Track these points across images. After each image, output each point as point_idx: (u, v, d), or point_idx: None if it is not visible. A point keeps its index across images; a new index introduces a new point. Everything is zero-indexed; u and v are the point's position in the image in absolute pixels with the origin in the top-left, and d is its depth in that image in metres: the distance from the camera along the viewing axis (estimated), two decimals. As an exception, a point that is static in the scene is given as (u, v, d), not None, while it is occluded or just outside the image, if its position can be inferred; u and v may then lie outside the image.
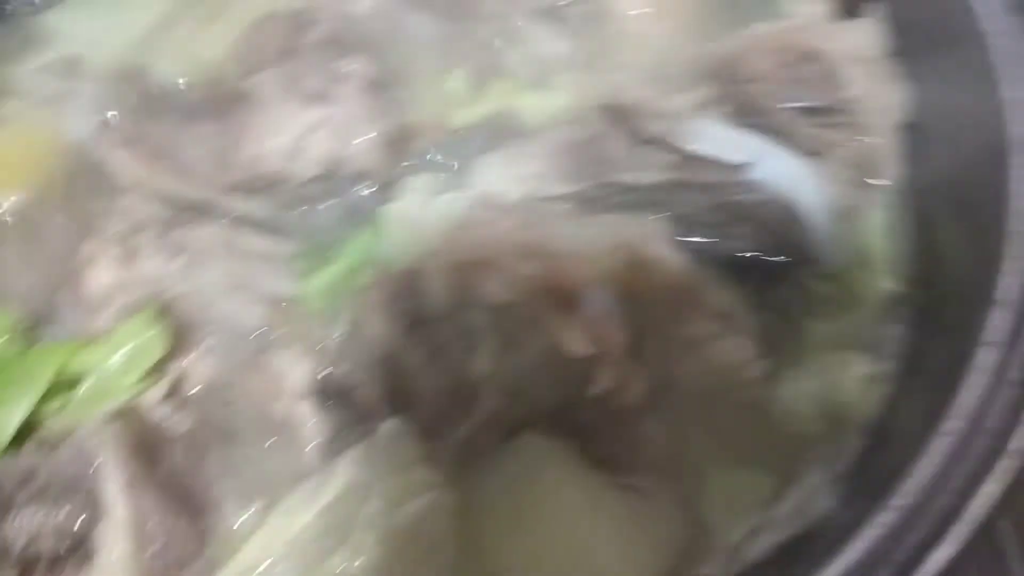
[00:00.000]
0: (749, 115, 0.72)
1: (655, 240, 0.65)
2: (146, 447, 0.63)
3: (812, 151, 0.71)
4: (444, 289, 0.63)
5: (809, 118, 0.71)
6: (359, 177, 0.74)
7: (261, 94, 0.72)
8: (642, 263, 0.63)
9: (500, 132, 0.80)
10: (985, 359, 0.56)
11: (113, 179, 0.75)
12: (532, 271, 0.60)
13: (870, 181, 0.74)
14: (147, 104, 0.81)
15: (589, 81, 0.80)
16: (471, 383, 0.62)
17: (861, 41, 0.75)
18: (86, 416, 0.64)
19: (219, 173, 0.72)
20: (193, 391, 0.69)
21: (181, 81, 0.82)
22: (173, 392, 0.67)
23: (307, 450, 0.66)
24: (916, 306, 0.73)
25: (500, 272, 0.60)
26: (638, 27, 0.85)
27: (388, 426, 0.64)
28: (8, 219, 0.77)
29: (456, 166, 0.78)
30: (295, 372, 0.68)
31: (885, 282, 0.72)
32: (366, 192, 0.76)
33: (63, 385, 0.65)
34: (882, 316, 0.71)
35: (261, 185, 0.72)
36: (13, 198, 0.77)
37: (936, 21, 0.73)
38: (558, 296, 0.60)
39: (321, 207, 0.76)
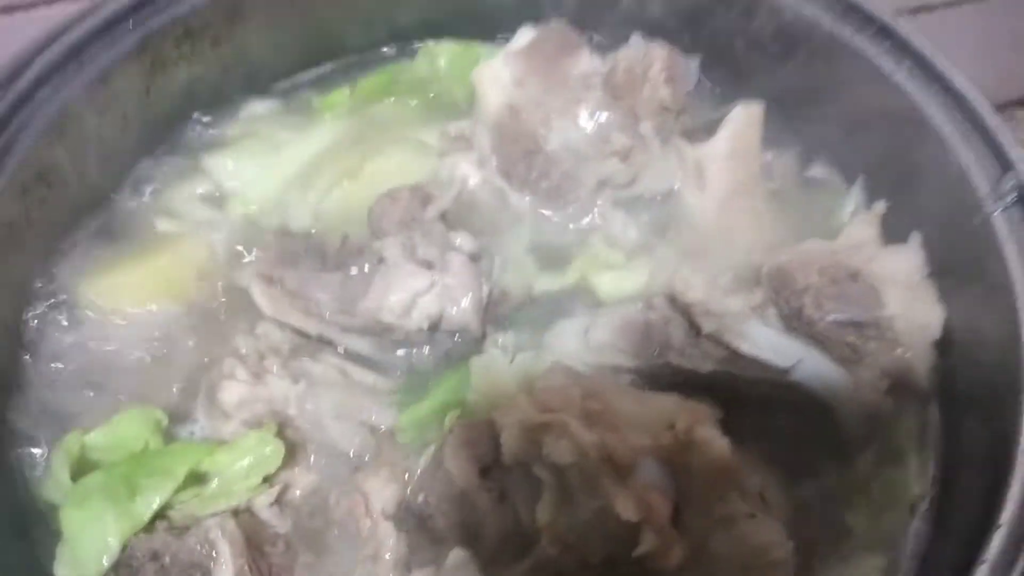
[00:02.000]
0: (795, 321, 0.82)
1: (704, 422, 0.75)
2: (254, 543, 0.76)
3: (850, 360, 0.81)
4: (516, 443, 0.73)
5: (850, 330, 0.81)
6: (455, 332, 0.87)
7: (386, 256, 0.86)
8: (690, 442, 0.73)
9: (576, 302, 0.93)
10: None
11: (253, 306, 0.91)
12: (594, 439, 0.71)
13: (904, 389, 0.83)
14: (284, 246, 0.97)
15: (658, 268, 0.92)
16: (531, 530, 0.72)
17: (903, 265, 0.86)
18: (209, 509, 0.76)
19: (341, 316, 0.86)
20: (294, 499, 0.81)
21: (312, 229, 0.99)
22: (279, 498, 0.80)
23: (384, 565, 0.77)
24: (936, 506, 0.82)
25: (566, 437, 0.71)
26: (706, 222, 0.98)
27: (456, 555, 0.75)
28: (160, 330, 0.92)
29: (535, 329, 0.91)
30: (382, 495, 0.79)
31: (913, 484, 0.81)
32: (459, 343, 0.89)
33: (192, 479, 0.78)
34: (908, 515, 0.79)
35: (375, 331, 0.86)
36: (167, 309, 0.93)
37: (970, 258, 0.83)
38: (615, 464, 0.70)
39: (420, 351, 0.90)
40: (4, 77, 0.90)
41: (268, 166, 1.04)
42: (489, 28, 1.13)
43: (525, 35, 1.06)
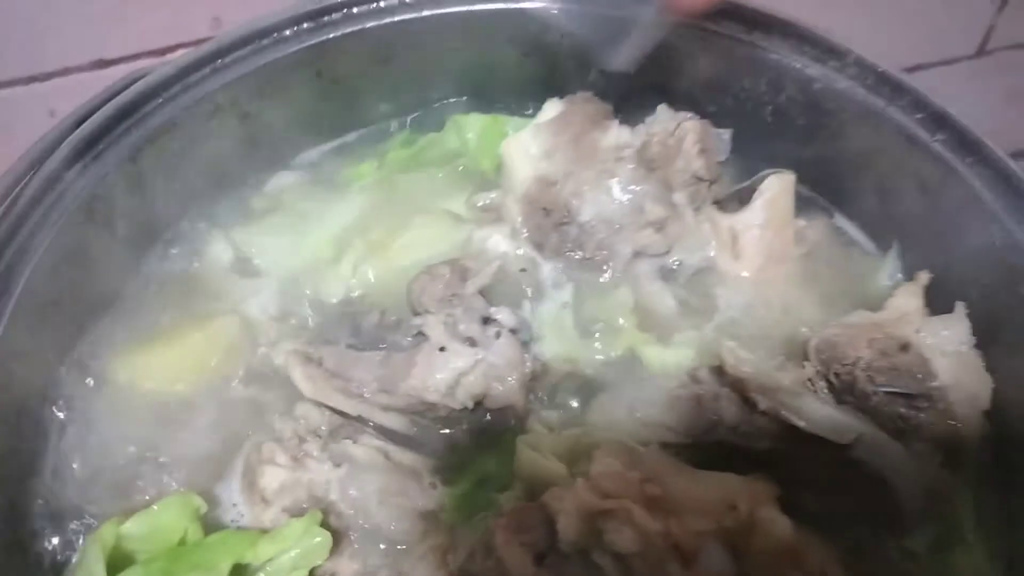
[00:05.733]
0: (847, 395, 0.81)
1: (765, 502, 0.73)
2: (301, 641, 0.72)
3: (903, 433, 0.80)
4: (574, 530, 0.71)
5: (902, 401, 0.80)
6: (498, 409, 0.85)
7: (428, 334, 0.85)
8: (752, 523, 0.71)
9: (619, 375, 0.92)
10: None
11: (288, 384, 0.89)
12: (658, 527, 0.68)
13: (957, 462, 0.82)
14: (318, 323, 0.96)
15: (704, 342, 0.91)
16: (595, 620, 0.69)
17: (951, 334, 0.85)
18: (253, 604, 0.73)
19: (382, 396, 0.84)
20: (339, 590, 0.78)
21: (345, 303, 0.98)
22: (324, 590, 0.77)
23: (435, 661, 0.74)
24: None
25: (629, 524, 0.69)
26: (743, 291, 0.98)
27: (512, 649, 0.72)
28: (192, 411, 0.90)
29: (577, 403, 0.90)
30: (430, 584, 0.76)
31: (975, 557, 0.79)
32: (499, 420, 0.87)
33: (235, 571, 0.74)
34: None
35: (416, 409, 0.84)
36: (199, 389, 0.91)
37: (1018, 327, 0.83)
38: (680, 551, 0.68)
39: (459, 429, 0.87)
40: (35, 158, 0.90)
41: (297, 240, 1.03)
42: (515, 101, 1.13)
43: (553, 107, 1.06)
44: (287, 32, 1.02)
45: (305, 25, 1.02)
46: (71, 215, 0.88)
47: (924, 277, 0.89)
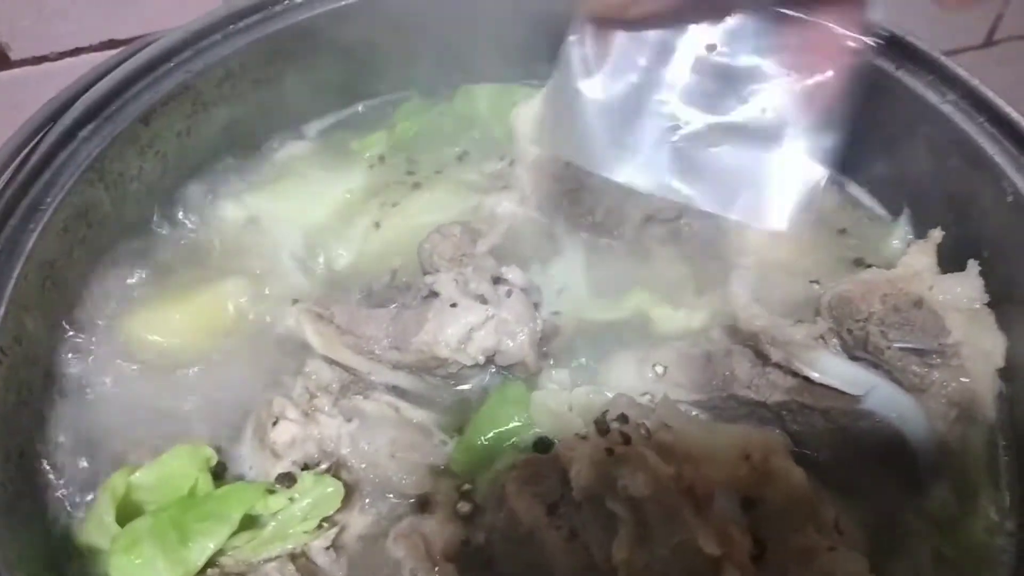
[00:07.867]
0: (860, 350, 0.81)
1: (778, 452, 0.73)
2: (312, 589, 0.72)
3: (917, 388, 0.79)
4: (588, 477, 0.70)
5: (915, 358, 0.80)
6: (510, 366, 0.85)
7: (439, 291, 0.84)
8: (766, 472, 0.71)
9: (630, 334, 0.92)
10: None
11: (298, 345, 0.88)
12: (671, 471, 0.68)
13: (971, 418, 0.81)
14: (330, 283, 0.96)
15: (714, 301, 0.91)
16: (606, 568, 0.69)
17: (963, 292, 0.85)
18: (263, 554, 0.73)
19: (393, 352, 0.84)
20: (349, 542, 0.78)
21: (356, 266, 0.98)
22: (334, 541, 0.76)
23: (446, 612, 0.73)
24: (1015, 539, 0.79)
25: (643, 469, 0.68)
26: (754, 255, 0.97)
27: (524, 598, 0.71)
28: (202, 369, 0.89)
29: (589, 362, 0.89)
30: (442, 535, 0.76)
31: (988, 513, 0.78)
32: (511, 378, 0.87)
33: (246, 522, 0.74)
34: (985, 548, 0.76)
35: (428, 366, 0.84)
36: (209, 347, 0.91)
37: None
38: (693, 497, 0.68)
39: (470, 387, 0.87)
40: (48, 115, 0.90)
41: (307, 204, 1.03)
42: (525, 71, 1.13)
43: (563, 76, 1.06)
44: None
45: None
46: (82, 174, 0.88)
47: (936, 235, 0.89)
